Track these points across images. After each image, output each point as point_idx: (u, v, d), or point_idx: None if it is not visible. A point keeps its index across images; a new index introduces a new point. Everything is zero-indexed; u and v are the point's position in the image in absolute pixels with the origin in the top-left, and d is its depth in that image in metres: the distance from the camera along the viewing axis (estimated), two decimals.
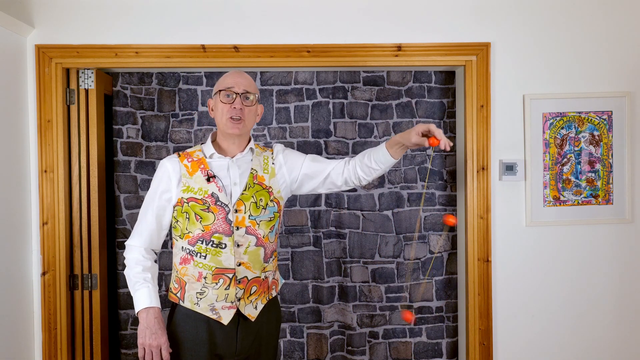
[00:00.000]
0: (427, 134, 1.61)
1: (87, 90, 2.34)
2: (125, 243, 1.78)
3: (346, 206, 2.62)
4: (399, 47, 2.32)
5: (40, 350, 2.27)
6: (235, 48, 2.29)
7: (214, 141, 1.79)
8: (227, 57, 2.29)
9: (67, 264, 2.29)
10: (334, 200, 2.62)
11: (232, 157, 1.75)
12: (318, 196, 2.62)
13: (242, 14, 2.30)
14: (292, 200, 2.61)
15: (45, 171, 2.25)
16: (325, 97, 2.60)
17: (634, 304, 2.43)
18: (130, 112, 2.54)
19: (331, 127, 2.60)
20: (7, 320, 2.10)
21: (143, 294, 1.68)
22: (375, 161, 1.71)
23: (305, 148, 2.59)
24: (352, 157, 1.81)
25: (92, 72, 2.33)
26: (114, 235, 2.56)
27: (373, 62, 2.33)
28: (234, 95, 1.69)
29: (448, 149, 1.57)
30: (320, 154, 2.59)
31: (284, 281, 2.00)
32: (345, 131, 2.60)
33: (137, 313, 1.69)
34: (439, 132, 1.57)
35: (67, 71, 2.31)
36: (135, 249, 1.75)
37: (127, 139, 2.55)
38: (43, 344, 2.26)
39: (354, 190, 2.61)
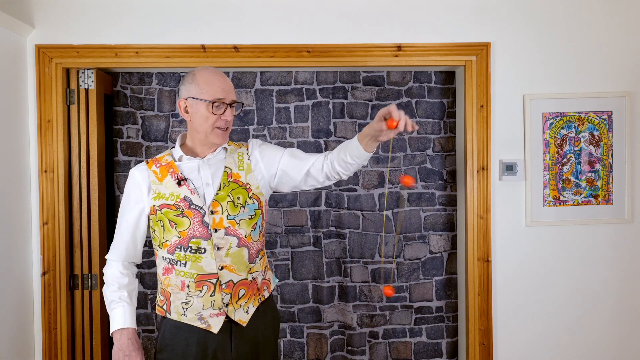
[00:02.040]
0: (387, 117, 1.48)
1: (87, 90, 2.34)
2: (105, 257, 1.73)
3: (346, 206, 2.62)
4: (399, 47, 2.32)
5: (40, 350, 2.27)
6: (235, 48, 2.29)
7: (182, 144, 1.73)
8: (227, 57, 2.29)
9: (67, 264, 2.29)
10: (334, 200, 2.62)
11: (203, 158, 1.68)
12: (318, 196, 2.62)
13: (242, 14, 2.30)
14: (292, 200, 2.61)
15: (45, 171, 2.25)
16: (325, 97, 2.60)
17: (634, 304, 2.43)
18: (130, 112, 2.55)
19: (331, 127, 2.60)
20: (7, 320, 2.11)
21: (117, 314, 1.63)
22: (351, 155, 1.59)
23: (305, 148, 2.59)
24: (331, 151, 1.71)
25: (92, 72, 2.33)
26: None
27: (373, 62, 2.33)
28: (224, 107, 1.62)
29: (409, 129, 1.46)
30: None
31: (277, 280, 1.92)
32: (345, 131, 2.60)
33: (112, 334, 1.64)
34: (397, 113, 1.44)
35: (67, 71, 2.31)
36: (113, 263, 1.70)
37: (127, 139, 2.55)
38: (43, 344, 2.26)
39: (354, 190, 2.61)
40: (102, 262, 2.39)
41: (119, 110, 2.53)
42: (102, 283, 2.38)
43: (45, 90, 2.25)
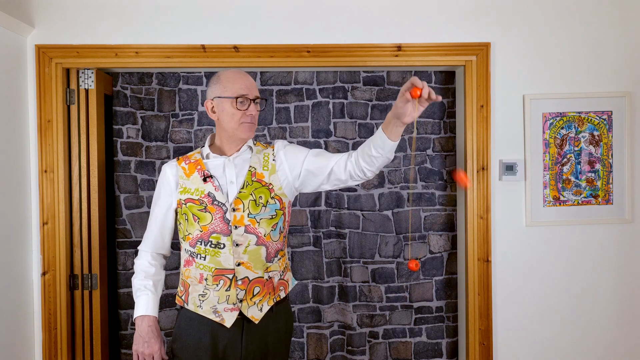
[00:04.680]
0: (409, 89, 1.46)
1: (87, 90, 2.34)
2: (137, 248, 1.83)
3: (346, 206, 2.62)
4: (399, 47, 2.32)
5: (40, 350, 2.27)
6: (235, 48, 2.29)
7: (212, 144, 1.80)
8: (227, 57, 2.29)
9: (67, 264, 2.29)
10: (334, 200, 2.62)
11: (229, 156, 1.75)
12: (318, 196, 2.62)
13: (242, 14, 2.30)
14: (292, 200, 2.61)
15: (45, 171, 2.25)
16: (325, 97, 2.60)
17: (634, 303, 2.43)
18: (130, 112, 2.55)
19: (331, 127, 2.60)
20: (7, 320, 2.11)
21: (141, 302, 1.72)
22: (374, 147, 1.57)
23: None
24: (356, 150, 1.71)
25: (92, 72, 2.33)
26: (114, 235, 2.56)
27: (373, 62, 2.33)
28: (248, 102, 1.69)
29: (433, 97, 1.43)
30: None
31: (296, 282, 1.94)
32: (345, 131, 2.60)
33: (134, 320, 1.73)
34: (419, 82, 1.42)
35: (67, 71, 2.31)
36: (142, 254, 1.79)
37: (127, 139, 2.55)
38: (43, 344, 2.26)
39: (354, 190, 2.61)
40: (102, 262, 2.39)
41: (119, 110, 2.53)
42: (101, 283, 2.38)
43: (45, 90, 2.25)
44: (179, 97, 2.57)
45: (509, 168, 2.34)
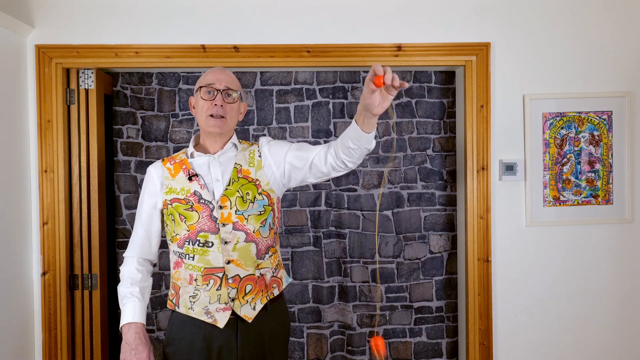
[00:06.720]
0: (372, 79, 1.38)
1: (87, 90, 2.34)
2: (123, 255, 1.78)
3: (346, 206, 2.62)
4: (399, 47, 2.32)
5: (40, 350, 2.27)
6: (235, 48, 2.29)
7: (197, 144, 1.78)
8: (227, 57, 2.29)
9: (67, 264, 2.29)
10: (334, 200, 2.62)
11: (214, 154, 1.71)
12: (318, 196, 2.62)
13: (242, 14, 2.30)
14: (292, 200, 2.61)
15: (45, 171, 2.25)
16: (325, 97, 2.60)
17: (634, 303, 2.43)
18: (130, 112, 2.55)
19: (331, 127, 2.60)
20: (7, 320, 2.11)
21: (128, 309, 1.67)
22: (351, 139, 1.51)
23: None
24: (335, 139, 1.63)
25: (92, 72, 2.33)
26: (114, 235, 2.56)
27: (373, 62, 2.32)
28: (215, 92, 1.65)
29: (397, 83, 1.34)
30: None
31: (290, 280, 1.90)
32: None
33: (121, 328, 1.67)
34: (380, 69, 1.33)
35: (67, 71, 2.31)
36: (129, 260, 1.75)
37: (127, 139, 2.55)
38: (43, 344, 2.26)
39: (354, 190, 2.61)
40: (102, 262, 2.39)
41: (119, 110, 2.53)
42: (102, 283, 2.38)
43: (45, 90, 2.25)
44: (179, 97, 2.57)
45: (509, 168, 2.34)
